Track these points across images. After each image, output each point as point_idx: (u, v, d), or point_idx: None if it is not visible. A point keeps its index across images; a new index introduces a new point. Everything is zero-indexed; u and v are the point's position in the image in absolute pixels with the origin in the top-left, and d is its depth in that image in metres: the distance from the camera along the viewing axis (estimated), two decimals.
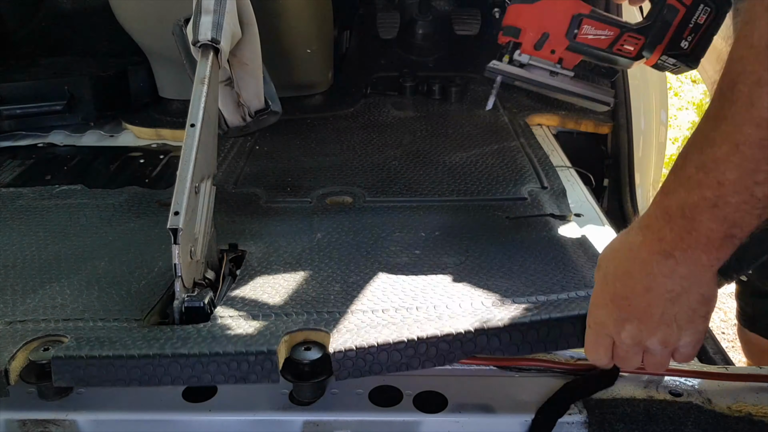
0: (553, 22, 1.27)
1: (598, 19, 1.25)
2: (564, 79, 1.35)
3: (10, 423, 0.93)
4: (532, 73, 1.34)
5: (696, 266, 0.69)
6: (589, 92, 1.39)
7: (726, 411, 0.93)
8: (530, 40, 1.30)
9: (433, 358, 0.87)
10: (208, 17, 1.29)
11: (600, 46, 1.27)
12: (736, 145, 0.62)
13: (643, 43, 1.24)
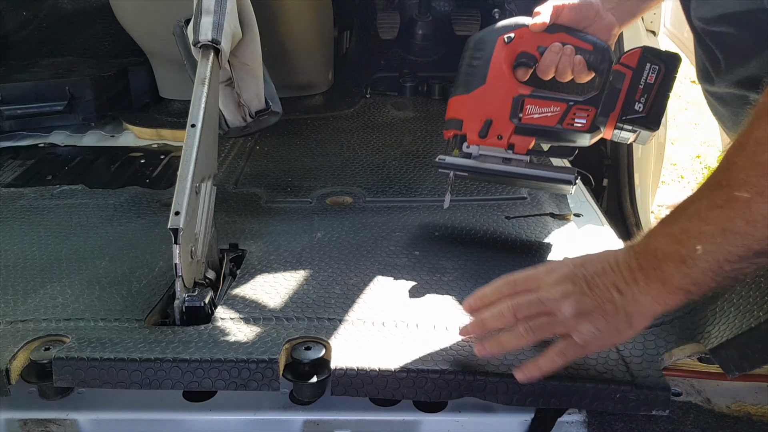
0: (494, 108, 1.21)
1: (541, 98, 1.19)
2: (519, 164, 1.24)
3: (11, 422, 0.93)
4: (484, 163, 1.24)
5: (646, 296, 0.76)
6: (548, 173, 1.25)
7: (725, 411, 0.93)
8: (474, 129, 1.23)
9: (430, 392, 0.88)
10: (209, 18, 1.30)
11: (549, 124, 1.20)
12: (723, 230, 0.69)
13: (595, 113, 1.17)
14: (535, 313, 0.82)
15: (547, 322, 0.81)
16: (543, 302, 0.81)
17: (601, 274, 0.79)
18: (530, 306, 0.82)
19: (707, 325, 0.93)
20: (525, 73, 1.23)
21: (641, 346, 0.95)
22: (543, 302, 0.81)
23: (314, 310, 1.05)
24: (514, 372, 0.85)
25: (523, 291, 0.84)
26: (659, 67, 1.13)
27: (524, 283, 0.84)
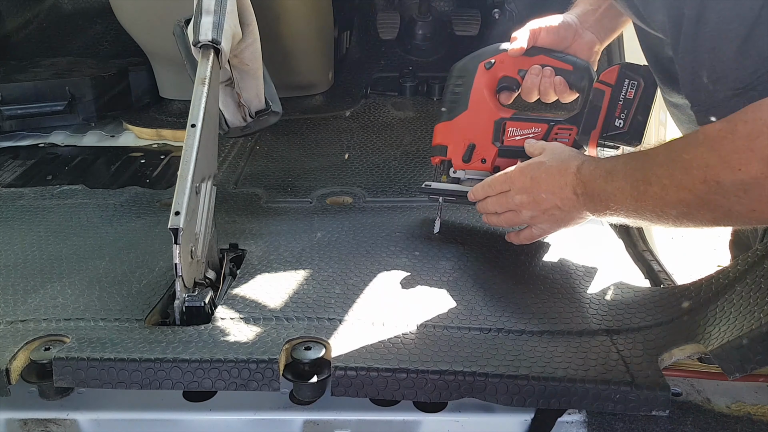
0: (476, 132, 1.24)
1: (522, 119, 1.22)
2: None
3: (11, 422, 0.93)
4: (468, 188, 1.25)
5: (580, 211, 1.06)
6: None
7: (725, 410, 0.93)
8: (458, 154, 1.26)
9: (430, 393, 0.88)
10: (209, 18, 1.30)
11: None
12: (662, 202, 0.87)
13: (576, 132, 1.19)
14: (506, 210, 1.15)
15: (514, 216, 1.15)
16: (510, 205, 1.13)
17: (551, 194, 1.07)
18: (503, 206, 1.15)
19: (707, 326, 0.93)
20: (509, 97, 1.26)
21: (641, 346, 0.95)
22: (510, 205, 1.13)
23: (314, 310, 1.05)
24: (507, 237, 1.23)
25: (499, 192, 1.15)
26: (638, 82, 1.14)
27: (500, 185, 1.14)
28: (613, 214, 0.99)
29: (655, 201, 0.88)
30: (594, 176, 1.00)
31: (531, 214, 1.12)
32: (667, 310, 1.03)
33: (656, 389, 0.85)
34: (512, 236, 1.22)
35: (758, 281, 0.93)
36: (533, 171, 1.09)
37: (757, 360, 0.82)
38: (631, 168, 0.93)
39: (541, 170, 1.08)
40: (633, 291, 1.11)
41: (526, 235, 1.18)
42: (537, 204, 1.09)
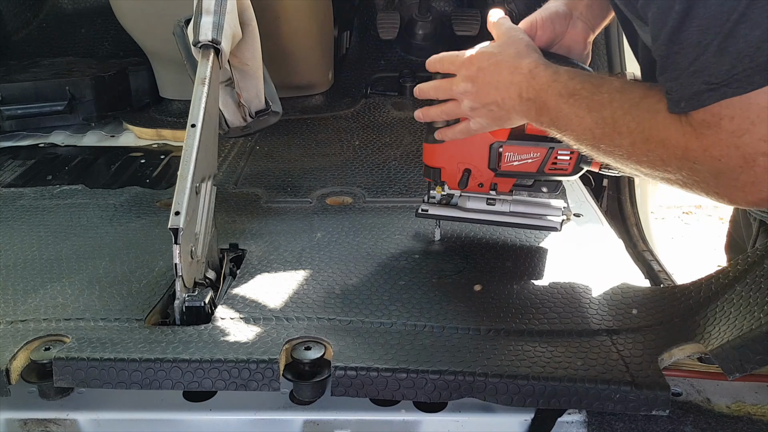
0: (471, 157, 1.16)
1: (519, 144, 1.12)
2: (504, 204, 1.21)
3: (11, 422, 0.93)
4: (468, 205, 1.22)
5: (518, 113, 1.02)
6: (532, 222, 1.21)
7: (725, 410, 0.93)
8: (453, 178, 1.19)
9: (430, 392, 0.88)
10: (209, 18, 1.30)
11: (530, 170, 1.15)
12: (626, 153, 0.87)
13: (578, 156, 1.12)
14: (447, 97, 1.09)
15: (455, 107, 1.09)
16: (452, 92, 1.07)
17: (493, 89, 1.02)
18: (446, 92, 1.09)
19: (707, 326, 0.93)
20: None
21: (641, 346, 0.95)
22: (452, 92, 1.07)
23: (314, 310, 1.05)
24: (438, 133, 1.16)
25: (446, 81, 1.08)
26: None
27: (449, 63, 1.08)
28: (554, 131, 0.96)
29: (620, 150, 0.87)
30: (551, 89, 0.94)
31: (471, 105, 1.05)
32: (667, 310, 1.03)
33: (656, 389, 0.85)
34: (446, 131, 1.14)
35: (758, 281, 0.93)
36: (482, 60, 1.03)
37: (756, 360, 0.82)
38: (597, 102, 0.89)
39: (491, 61, 1.02)
40: (633, 291, 1.11)
41: (462, 129, 1.11)
42: (479, 96, 1.03)
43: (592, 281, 1.14)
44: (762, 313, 0.85)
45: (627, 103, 0.86)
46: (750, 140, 0.72)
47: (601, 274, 1.16)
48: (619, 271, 1.18)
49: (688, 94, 0.76)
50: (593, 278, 1.15)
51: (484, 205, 1.22)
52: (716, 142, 0.75)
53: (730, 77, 0.72)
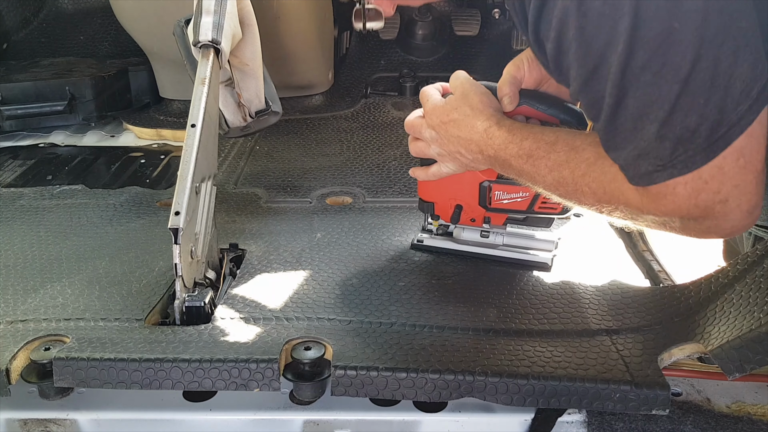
0: (462, 194, 1.18)
1: (509, 182, 1.11)
2: (498, 236, 1.22)
3: (11, 422, 0.93)
4: (463, 236, 1.23)
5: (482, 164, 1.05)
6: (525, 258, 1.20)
7: (725, 410, 0.93)
8: (445, 213, 1.22)
9: (430, 392, 0.88)
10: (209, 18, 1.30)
11: (520, 209, 1.16)
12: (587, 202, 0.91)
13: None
14: (417, 138, 1.13)
15: (425, 147, 1.12)
16: (421, 135, 1.11)
17: (456, 142, 1.05)
18: (416, 132, 1.13)
19: (707, 326, 0.93)
20: None
21: (641, 346, 0.95)
22: (421, 135, 1.11)
23: (314, 310, 1.05)
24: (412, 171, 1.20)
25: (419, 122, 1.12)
26: None
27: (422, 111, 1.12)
28: (515, 178, 1.01)
29: (588, 205, 0.91)
30: (508, 149, 0.97)
31: (438, 151, 1.10)
32: (667, 310, 1.03)
33: (656, 388, 0.85)
34: (418, 171, 1.17)
35: (758, 281, 0.93)
36: (442, 115, 1.06)
37: (756, 360, 0.82)
38: (555, 162, 0.92)
39: (450, 117, 1.05)
40: (633, 291, 1.11)
41: (434, 171, 1.14)
42: (444, 144, 1.07)
43: (592, 281, 1.14)
44: (762, 313, 0.85)
45: (583, 163, 0.88)
46: (707, 196, 0.77)
47: (601, 274, 1.16)
48: (619, 271, 1.18)
49: (639, 174, 0.79)
50: (593, 278, 1.15)
51: (478, 237, 1.23)
52: (675, 207, 0.79)
53: (674, 159, 0.75)
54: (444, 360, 0.90)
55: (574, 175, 0.90)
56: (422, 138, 1.11)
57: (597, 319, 1.03)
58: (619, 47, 0.72)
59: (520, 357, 0.92)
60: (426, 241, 1.26)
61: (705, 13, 0.69)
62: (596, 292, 1.11)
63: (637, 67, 0.72)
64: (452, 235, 1.25)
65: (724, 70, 0.71)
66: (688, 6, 0.69)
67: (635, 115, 0.76)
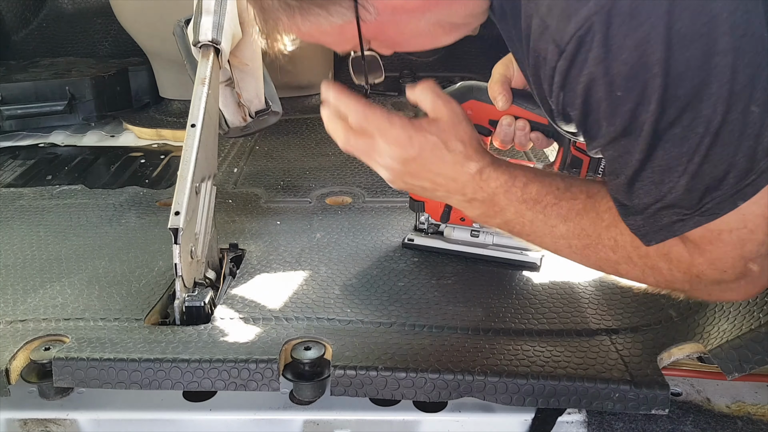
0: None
1: None
2: (487, 236, 1.21)
3: (11, 422, 0.93)
4: (453, 235, 1.23)
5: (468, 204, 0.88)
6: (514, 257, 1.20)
7: (725, 410, 0.93)
8: (435, 212, 1.22)
9: (429, 392, 0.88)
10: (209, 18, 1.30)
11: None
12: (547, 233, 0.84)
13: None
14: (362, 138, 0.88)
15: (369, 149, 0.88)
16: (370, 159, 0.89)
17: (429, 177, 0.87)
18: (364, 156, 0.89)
19: (707, 326, 0.93)
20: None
21: (640, 345, 0.95)
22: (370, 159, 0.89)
23: (314, 310, 1.05)
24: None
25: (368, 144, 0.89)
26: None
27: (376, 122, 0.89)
28: (499, 227, 0.89)
29: (608, 262, 0.83)
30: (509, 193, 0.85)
31: (388, 176, 0.90)
32: (667, 310, 1.03)
33: (655, 388, 0.85)
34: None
35: None
36: (421, 149, 0.86)
37: (756, 360, 0.82)
38: (571, 210, 0.83)
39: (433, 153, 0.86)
40: (633, 291, 1.11)
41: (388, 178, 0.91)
42: (405, 176, 0.88)
43: (591, 281, 1.14)
44: (762, 313, 0.85)
45: (607, 213, 0.81)
46: (752, 247, 0.74)
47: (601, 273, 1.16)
48: None
49: (657, 227, 0.76)
50: (593, 278, 1.15)
51: (468, 236, 1.23)
52: (702, 268, 0.76)
53: (701, 206, 0.73)
54: (444, 360, 0.90)
55: (598, 226, 0.81)
56: (371, 152, 0.89)
57: (596, 318, 1.03)
58: (651, 106, 0.71)
59: (520, 357, 0.92)
60: (417, 240, 1.26)
61: (734, 68, 0.69)
62: (596, 291, 1.11)
63: (668, 122, 0.71)
64: (442, 234, 1.26)
65: (754, 120, 0.70)
66: (718, 61, 0.69)
67: (663, 168, 0.74)
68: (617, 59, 0.69)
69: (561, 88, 0.75)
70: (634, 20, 0.68)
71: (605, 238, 0.81)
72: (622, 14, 0.68)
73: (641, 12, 0.68)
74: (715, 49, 0.68)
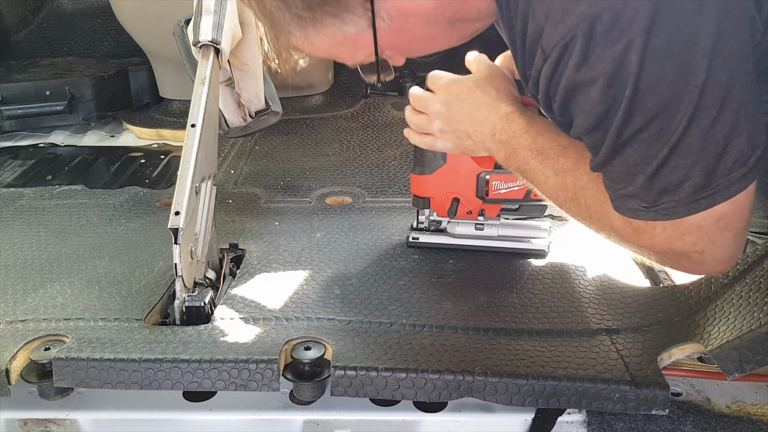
0: (459, 187, 1.18)
1: (506, 172, 1.12)
2: (492, 228, 1.23)
3: (11, 422, 0.93)
4: (457, 230, 1.24)
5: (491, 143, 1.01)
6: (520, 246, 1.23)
7: (725, 410, 0.93)
8: (442, 208, 1.22)
9: (429, 393, 0.88)
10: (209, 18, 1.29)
11: (517, 197, 1.17)
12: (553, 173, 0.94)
13: None
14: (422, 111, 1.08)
15: (425, 122, 1.08)
16: (427, 108, 1.07)
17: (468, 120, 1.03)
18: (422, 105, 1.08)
19: (707, 326, 0.93)
20: None
21: (640, 345, 0.95)
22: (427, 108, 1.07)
23: (314, 310, 1.05)
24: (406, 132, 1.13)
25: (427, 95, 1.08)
26: None
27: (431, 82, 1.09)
28: (515, 170, 1.00)
29: (580, 217, 0.93)
30: (522, 138, 0.97)
31: (441, 127, 1.06)
32: (667, 310, 1.03)
33: (655, 388, 0.85)
34: (412, 134, 1.13)
35: (757, 281, 0.93)
36: (462, 90, 1.04)
37: (756, 360, 0.82)
38: (563, 167, 0.93)
39: (471, 94, 1.03)
40: (633, 291, 1.11)
41: (428, 142, 1.11)
42: (451, 121, 1.05)
43: (592, 281, 1.14)
44: (761, 314, 0.85)
45: (585, 175, 0.90)
46: (683, 245, 0.81)
47: (601, 274, 1.16)
48: (619, 270, 1.18)
49: (625, 207, 0.83)
50: (593, 278, 1.15)
51: (473, 230, 1.24)
52: (652, 245, 0.84)
53: (657, 205, 0.80)
54: (444, 360, 0.90)
55: (576, 185, 0.91)
56: (427, 111, 1.07)
57: (597, 318, 1.03)
58: (619, 113, 0.77)
59: (520, 357, 0.92)
60: (422, 238, 1.26)
61: (703, 88, 0.73)
62: (596, 291, 1.11)
63: (635, 129, 0.77)
64: (445, 231, 1.26)
65: (718, 140, 0.75)
66: (689, 80, 0.73)
67: (629, 163, 0.80)
68: (595, 68, 0.75)
69: (546, 90, 0.83)
70: (614, 33, 0.73)
71: (579, 196, 0.90)
72: (603, 26, 0.73)
73: (622, 26, 0.73)
74: (688, 68, 0.73)
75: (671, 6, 0.72)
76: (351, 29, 0.86)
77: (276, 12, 0.84)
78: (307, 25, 0.85)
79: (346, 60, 0.94)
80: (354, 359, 0.90)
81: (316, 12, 0.83)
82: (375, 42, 0.88)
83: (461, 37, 0.95)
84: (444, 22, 0.89)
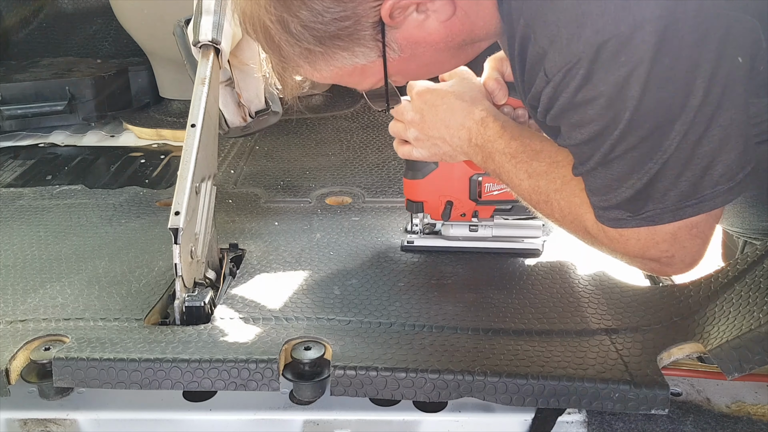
0: (452, 190, 1.19)
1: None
2: (486, 229, 1.23)
3: (11, 422, 0.93)
4: (451, 232, 1.24)
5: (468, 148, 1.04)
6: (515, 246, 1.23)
7: (725, 410, 0.93)
8: (436, 211, 1.22)
9: (429, 392, 0.88)
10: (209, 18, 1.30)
11: (510, 198, 1.16)
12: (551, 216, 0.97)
13: None
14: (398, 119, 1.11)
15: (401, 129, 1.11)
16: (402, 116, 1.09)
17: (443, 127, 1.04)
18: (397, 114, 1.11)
19: (706, 326, 0.93)
20: None
21: (640, 345, 0.95)
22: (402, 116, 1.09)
23: (314, 310, 1.05)
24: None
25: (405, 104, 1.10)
26: None
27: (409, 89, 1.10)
28: (492, 173, 1.02)
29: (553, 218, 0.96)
30: (496, 143, 0.99)
31: (416, 135, 1.08)
32: (667, 309, 1.03)
33: (655, 388, 0.85)
34: (395, 143, 1.15)
35: (757, 281, 0.93)
36: (434, 97, 1.05)
37: (755, 360, 0.82)
38: (535, 171, 0.95)
39: (444, 101, 1.04)
40: (632, 290, 1.11)
41: (404, 152, 1.13)
42: (426, 129, 1.06)
43: (591, 281, 1.14)
44: (761, 313, 0.85)
45: (559, 179, 0.92)
46: (655, 252, 0.85)
47: (601, 273, 1.16)
48: (619, 270, 1.18)
49: (608, 217, 0.86)
50: (592, 278, 1.15)
51: (467, 231, 1.24)
52: (625, 251, 0.88)
53: (642, 213, 0.82)
54: (443, 360, 0.91)
55: (549, 188, 0.93)
56: (402, 120, 1.10)
57: (596, 318, 1.03)
58: (615, 132, 0.79)
59: (520, 357, 0.92)
60: (416, 241, 1.26)
61: (699, 109, 0.75)
62: (596, 291, 1.11)
63: (627, 147, 0.79)
64: (439, 234, 1.26)
65: (704, 154, 0.77)
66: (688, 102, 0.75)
67: (615, 177, 0.82)
68: (596, 89, 0.77)
69: (546, 108, 0.85)
70: (619, 59, 0.75)
71: (553, 199, 0.93)
72: (608, 52, 0.75)
73: (627, 53, 0.75)
74: (687, 92, 0.75)
75: (676, 34, 0.73)
76: (361, 61, 0.88)
77: (285, 46, 0.85)
78: (317, 59, 0.87)
79: (355, 87, 0.96)
80: (354, 359, 0.90)
81: (327, 46, 0.84)
82: (385, 72, 0.89)
83: (468, 57, 0.97)
84: (454, 48, 0.91)
